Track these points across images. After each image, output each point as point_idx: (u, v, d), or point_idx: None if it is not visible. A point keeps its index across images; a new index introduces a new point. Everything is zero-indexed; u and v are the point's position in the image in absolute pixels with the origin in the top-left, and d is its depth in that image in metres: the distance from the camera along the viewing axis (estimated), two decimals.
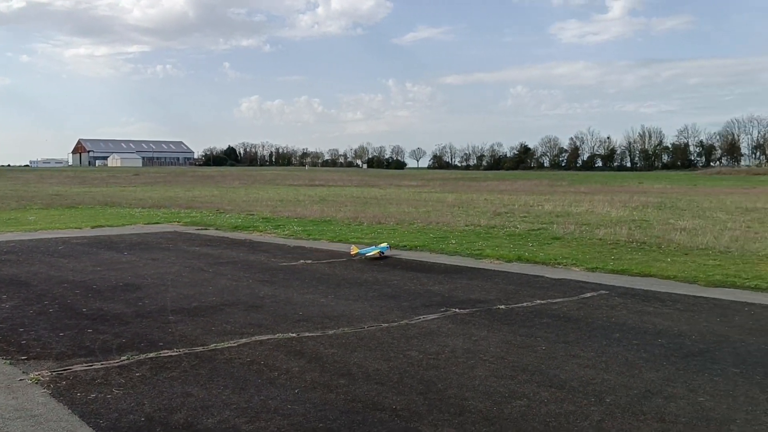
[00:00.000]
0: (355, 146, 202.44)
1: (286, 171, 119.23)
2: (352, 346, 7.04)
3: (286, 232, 19.46)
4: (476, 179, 78.34)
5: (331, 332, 7.66)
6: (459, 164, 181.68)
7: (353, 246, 14.79)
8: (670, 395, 5.55)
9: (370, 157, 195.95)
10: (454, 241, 16.56)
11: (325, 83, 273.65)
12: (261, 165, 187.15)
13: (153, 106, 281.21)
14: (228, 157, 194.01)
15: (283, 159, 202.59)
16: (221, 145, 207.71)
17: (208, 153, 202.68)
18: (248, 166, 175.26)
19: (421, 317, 8.44)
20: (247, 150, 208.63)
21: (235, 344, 7.14)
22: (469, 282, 11.15)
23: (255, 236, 18.93)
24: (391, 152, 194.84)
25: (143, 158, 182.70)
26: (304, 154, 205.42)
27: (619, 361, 6.54)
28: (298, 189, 52.25)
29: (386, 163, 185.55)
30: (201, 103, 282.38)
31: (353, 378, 5.98)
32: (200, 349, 6.97)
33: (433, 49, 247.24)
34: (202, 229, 20.89)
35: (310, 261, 13.74)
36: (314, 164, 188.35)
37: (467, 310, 8.84)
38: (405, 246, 16.08)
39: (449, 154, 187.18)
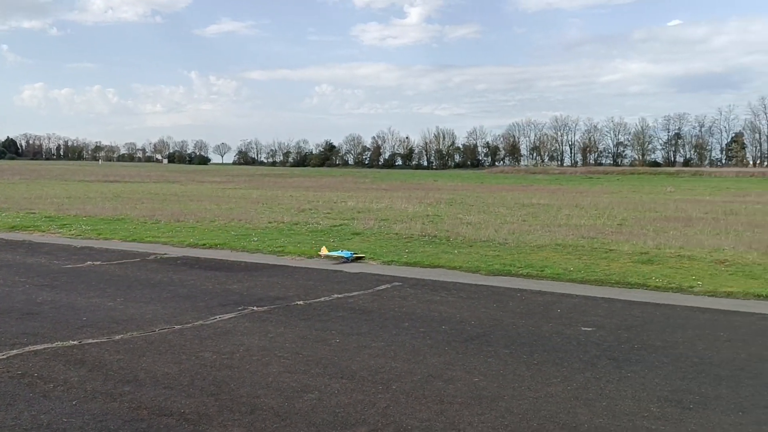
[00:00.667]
0: (155, 140, 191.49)
1: (76, 165, 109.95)
2: (140, 351, 6.70)
3: (73, 232, 17.96)
4: (282, 176, 78.21)
5: (117, 337, 7.22)
6: (265, 160, 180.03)
7: (324, 248, 13.96)
8: (450, 378, 5.99)
9: (172, 151, 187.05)
10: (256, 239, 16.41)
11: (120, 72, 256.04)
12: (47, 159, 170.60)
13: None
14: (7, 150, 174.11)
15: (72, 153, 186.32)
16: None
17: None
18: (31, 159, 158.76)
19: (217, 317, 8.26)
20: (30, 142, 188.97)
21: (5, 357, 6.46)
22: (269, 279, 11.13)
23: (36, 237, 17.23)
24: (194, 147, 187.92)
25: None
26: (98, 148, 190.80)
27: (407, 348, 6.93)
28: (90, 185, 48.39)
29: (189, 159, 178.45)
30: None
31: (140, 384, 5.70)
32: None
33: (238, 43, 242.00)
34: None
35: (98, 262, 12.82)
36: (108, 159, 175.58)
37: (265, 308, 8.82)
38: (204, 244, 15.62)
39: (255, 150, 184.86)
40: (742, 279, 11.05)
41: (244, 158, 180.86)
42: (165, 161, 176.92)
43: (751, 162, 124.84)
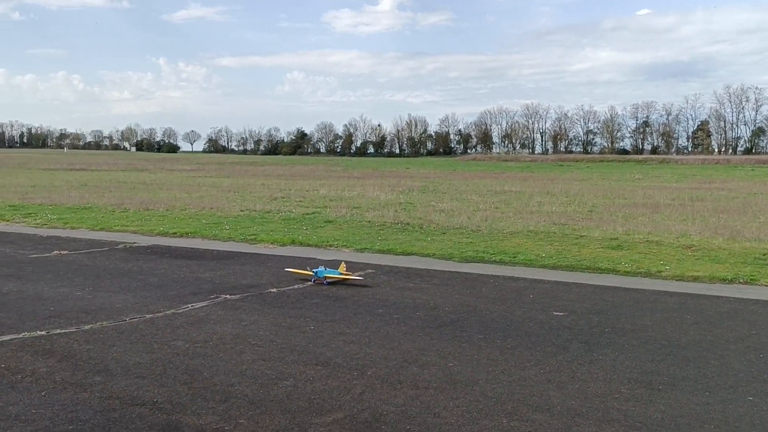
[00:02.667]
0: (122, 128, 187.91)
1: (40, 153, 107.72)
2: (111, 341, 6.60)
3: (39, 221, 17.62)
4: (254, 164, 77.50)
5: (87, 327, 7.11)
6: (236, 149, 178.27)
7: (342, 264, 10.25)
8: (424, 363, 6.02)
9: (140, 139, 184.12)
10: (227, 227, 16.27)
11: (86, 59, 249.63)
12: (10, 147, 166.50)
13: None
14: None
15: (36, 140, 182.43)
16: None
17: None
18: None
19: (190, 305, 8.18)
20: None
21: None
22: (242, 267, 11.04)
23: (0, 226, 16.86)
24: (163, 135, 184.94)
25: None
26: (63, 136, 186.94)
27: (381, 335, 6.94)
28: (55, 173, 47.45)
29: (157, 147, 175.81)
30: None
31: (111, 374, 5.62)
32: None
33: (207, 29, 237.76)
34: None
35: (66, 252, 12.59)
36: (74, 147, 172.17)
37: (238, 296, 8.75)
38: (175, 233, 15.45)
39: (225, 138, 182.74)
40: (708, 263, 11.27)
41: (215, 146, 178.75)
42: (133, 149, 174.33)
43: (716, 149, 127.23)
